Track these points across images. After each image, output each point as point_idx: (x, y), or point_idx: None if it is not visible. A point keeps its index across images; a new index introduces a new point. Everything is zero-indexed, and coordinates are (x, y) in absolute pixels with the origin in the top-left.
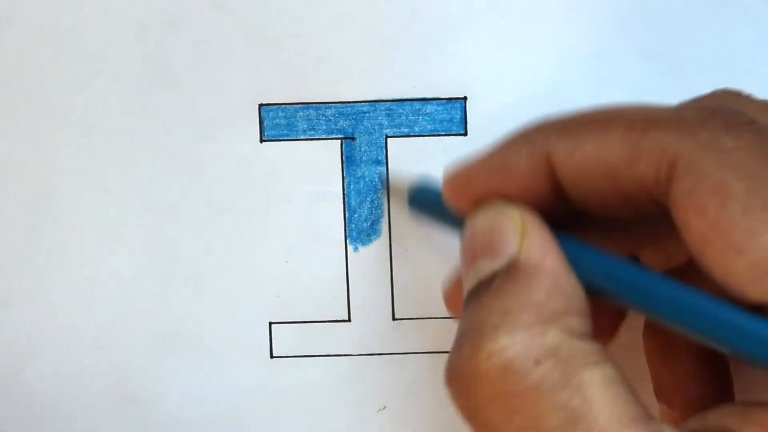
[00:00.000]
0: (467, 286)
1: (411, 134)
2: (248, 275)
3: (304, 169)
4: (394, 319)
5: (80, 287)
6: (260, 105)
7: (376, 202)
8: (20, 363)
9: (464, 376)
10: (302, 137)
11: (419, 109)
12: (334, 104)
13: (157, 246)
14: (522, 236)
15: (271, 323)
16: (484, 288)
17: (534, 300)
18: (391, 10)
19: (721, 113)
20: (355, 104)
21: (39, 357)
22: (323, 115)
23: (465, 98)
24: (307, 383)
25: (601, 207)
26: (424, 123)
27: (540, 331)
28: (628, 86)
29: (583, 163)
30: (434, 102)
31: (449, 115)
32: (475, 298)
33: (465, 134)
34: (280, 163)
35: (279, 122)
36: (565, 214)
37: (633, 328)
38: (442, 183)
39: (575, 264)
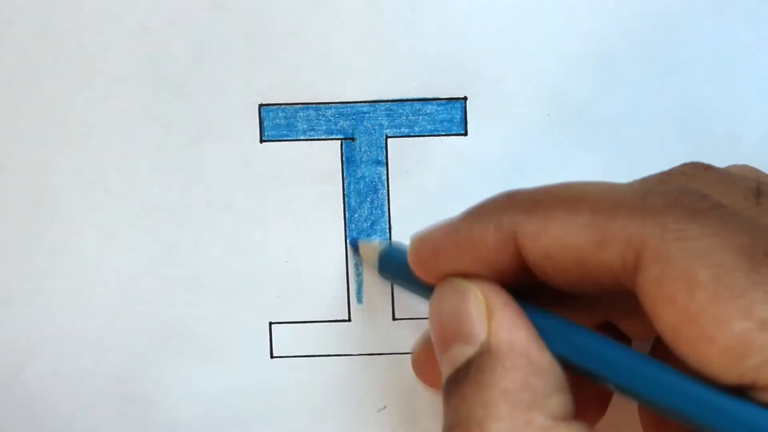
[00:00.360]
0: (444, 371)
1: (411, 134)
2: (248, 275)
3: (304, 169)
4: (394, 319)
5: (80, 287)
6: (260, 105)
7: (376, 202)
8: (20, 363)
9: None
10: (302, 137)
11: (419, 109)
12: (334, 104)
13: (157, 246)
14: (489, 318)
15: (271, 323)
16: (462, 377)
17: (512, 387)
18: (391, 10)
19: (686, 199)
20: (355, 104)
21: (39, 357)
22: (323, 116)
23: (465, 98)
24: (307, 383)
25: (568, 285)
26: (424, 123)
27: (525, 420)
28: (628, 86)
29: (549, 246)
30: (434, 102)
31: (449, 115)
32: (455, 388)
33: (465, 134)
34: (280, 163)
35: (279, 122)
36: (534, 285)
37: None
38: (408, 253)
39: (547, 338)
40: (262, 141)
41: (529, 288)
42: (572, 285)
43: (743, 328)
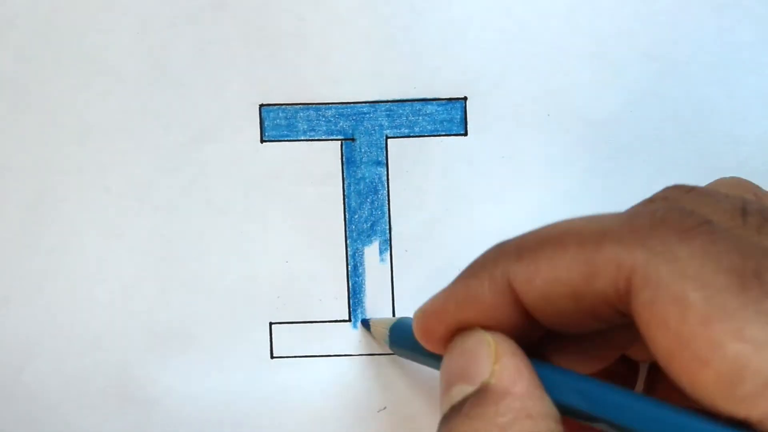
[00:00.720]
0: (442, 411)
1: (411, 135)
2: (248, 275)
3: (304, 170)
4: None
5: (80, 287)
6: (260, 105)
7: (376, 203)
8: (20, 363)
9: None
10: (302, 138)
11: (419, 110)
12: (334, 105)
13: (157, 246)
14: (493, 361)
15: (271, 323)
16: (455, 412)
17: (500, 422)
18: (391, 10)
19: (672, 218)
20: (355, 105)
21: (39, 357)
22: (323, 116)
23: (465, 98)
24: (307, 383)
25: (571, 325)
26: (424, 123)
27: None
28: (629, 86)
29: (544, 287)
30: (434, 102)
31: (449, 115)
32: (447, 422)
33: (465, 134)
34: (281, 163)
35: (279, 123)
36: (541, 334)
37: None
38: (413, 328)
39: (552, 389)
40: (262, 141)
41: (537, 341)
42: (575, 325)
43: (737, 350)
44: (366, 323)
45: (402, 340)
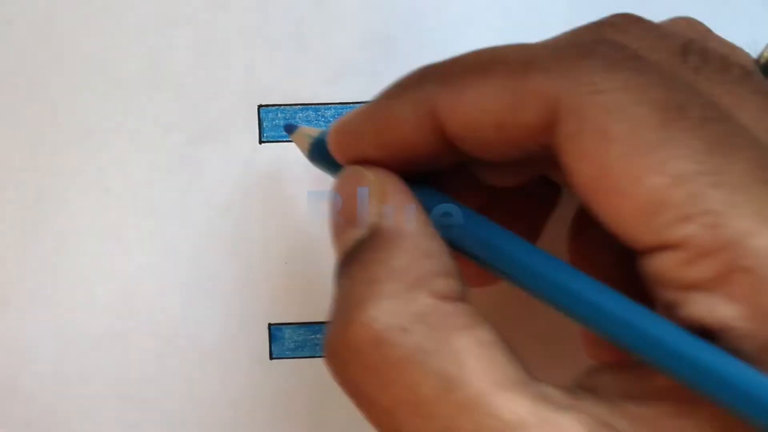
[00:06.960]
0: (337, 257)
1: None
2: (247, 276)
3: (303, 170)
4: None
5: (80, 287)
6: (259, 106)
7: None
8: (20, 363)
9: (339, 352)
10: None
11: None
12: (333, 105)
13: (157, 246)
14: (380, 201)
15: (270, 324)
16: (350, 258)
17: (397, 266)
18: (391, 10)
19: (602, 50)
20: (355, 105)
21: (39, 357)
22: (323, 116)
23: None
24: (306, 384)
25: (492, 154)
26: None
27: (407, 298)
28: None
29: (467, 115)
30: None
31: None
32: (343, 269)
33: None
34: (280, 164)
35: (278, 123)
36: (458, 160)
37: None
38: (328, 139)
39: (439, 223)
40: (261, 142)
41: (455, 168)
42: (497, 154)
43: (655, 183)
44: (291, 128)
45: (323, 155)
